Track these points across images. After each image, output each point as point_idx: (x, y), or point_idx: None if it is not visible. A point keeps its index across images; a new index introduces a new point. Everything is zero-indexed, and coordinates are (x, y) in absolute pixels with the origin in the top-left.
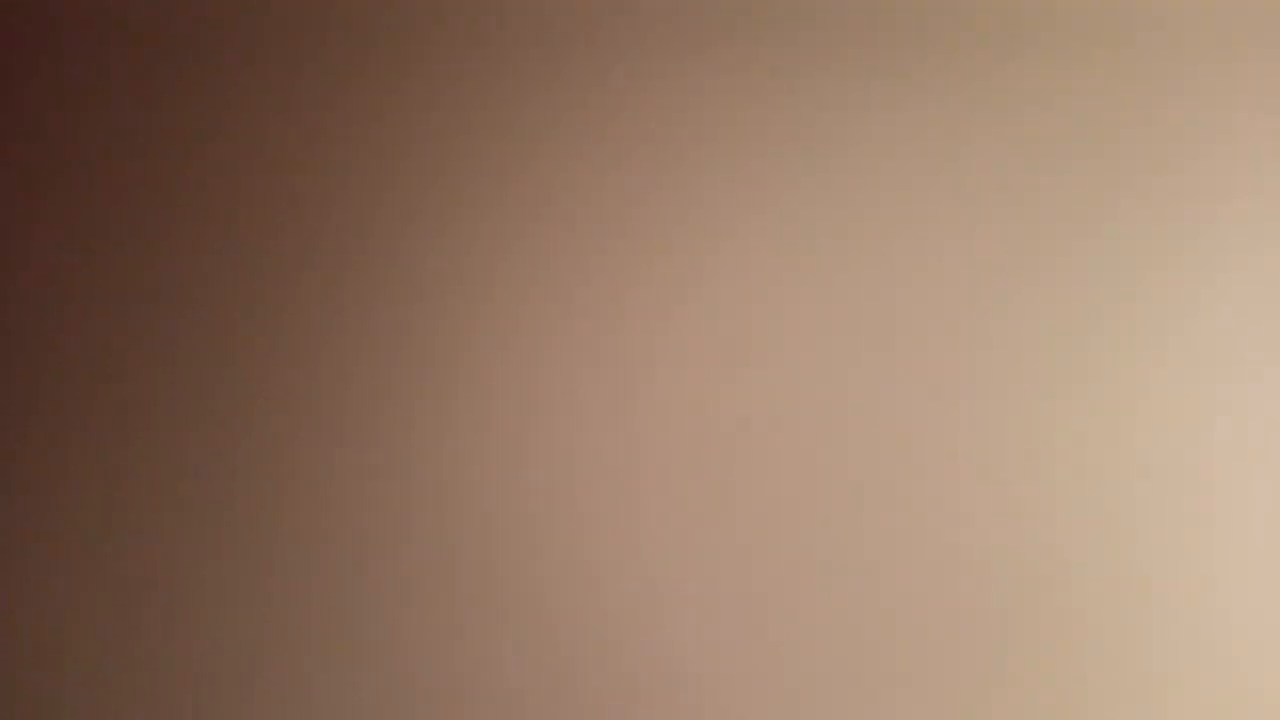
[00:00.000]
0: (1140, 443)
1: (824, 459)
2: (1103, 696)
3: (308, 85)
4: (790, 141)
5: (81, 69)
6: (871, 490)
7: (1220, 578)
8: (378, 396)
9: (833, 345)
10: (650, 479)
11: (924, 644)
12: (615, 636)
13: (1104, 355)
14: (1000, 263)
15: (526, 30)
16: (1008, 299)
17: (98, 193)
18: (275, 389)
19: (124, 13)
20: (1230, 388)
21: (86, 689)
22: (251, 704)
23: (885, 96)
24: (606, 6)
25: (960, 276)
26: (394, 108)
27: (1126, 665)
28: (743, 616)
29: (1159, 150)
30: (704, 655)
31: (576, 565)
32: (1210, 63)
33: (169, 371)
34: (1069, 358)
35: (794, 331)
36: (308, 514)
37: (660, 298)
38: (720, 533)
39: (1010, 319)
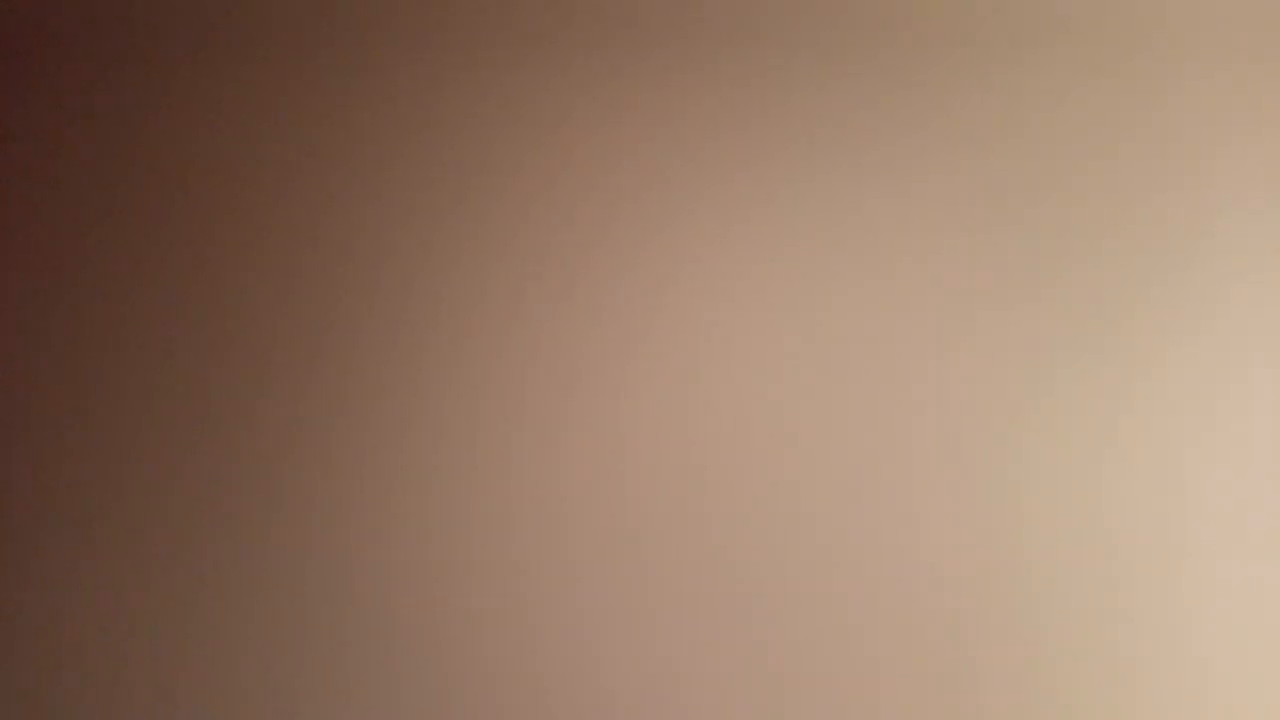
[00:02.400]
0: (1131, 455)
1: (812, 465)
2: (1090, 709)
3: (302, 86)
4: (786, 149)
5: (81, 70)
6: (857, 497)
7: (1206, 591)
8: (369, 397)
9: (823, 351)
10: (639, 482)
11: (909, 653)
12: (599, 639)
13: (1098, 366)
14: (994, 273)
15: (521, 34)
16: (1000, 309)
17: (98, 193)
18: (269, 390)
19: (123, 13)
20: (1222, 400)
21: (86, 690)
22: (252, 706)
23: (882, 105)
24: (602, 10)
25: (953, 287)
26: (389, 110)
27: (1110, 679)
28: (727, 620)
29: (1161, 165)
30: (687, 658)
31: (561, 565)
32: (1215, 76)
33: (166, 374)
34: (1063, 368)
35: (785, 338)
36: (303, 516)
37: (654, 301)
38: (705, 534)
39: (1002, 328)
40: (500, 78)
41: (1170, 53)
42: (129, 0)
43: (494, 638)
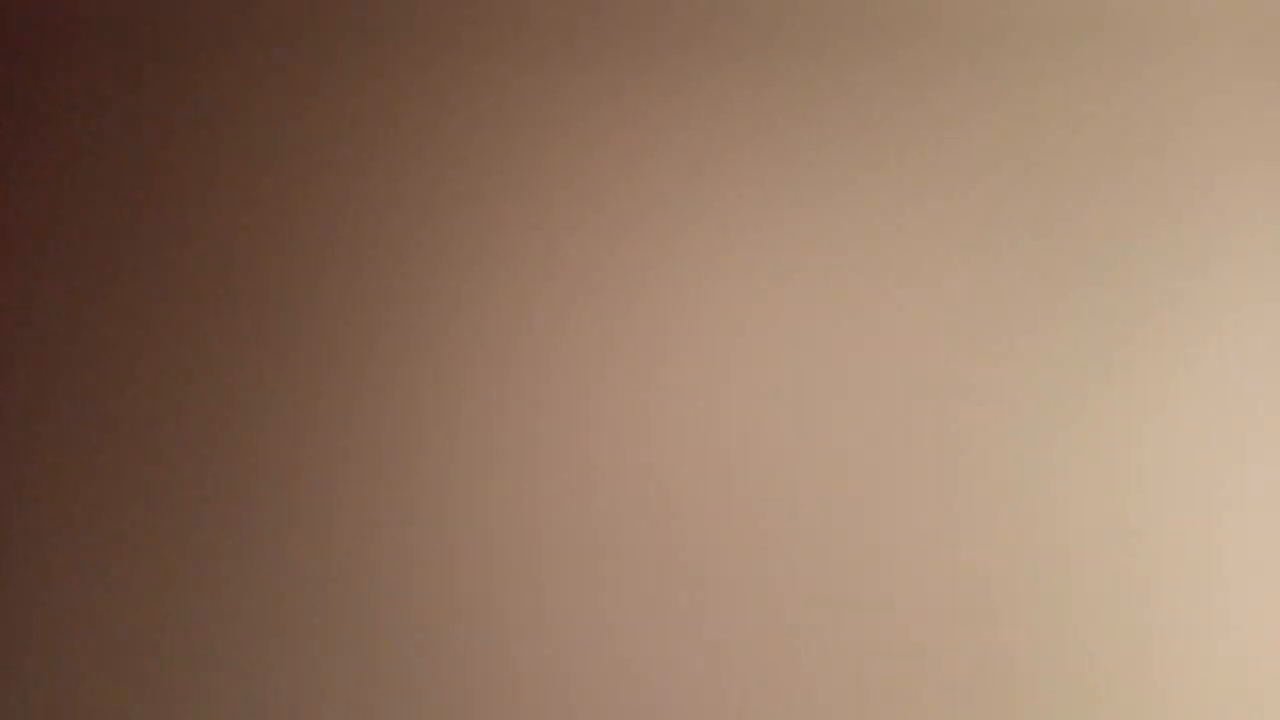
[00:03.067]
0: (1144, 458)
1: (830, 465)
2: (1106, 708)
3: (317, 87)
4: (801, 154)
5: (86, 68)
6: (873, 495)
7: (1222, 586)
8: (385, 399)
9: (838, 357)
10: (656, 483)
11: (924, 650)
12: (617, 639)
13: (1109, 367)
14: (1009, 280)
15: (537, 34)
16: (1018, 315)
17: (106, 196)
18: (281, 392)
19: (131, 11)
20: (1238, 405)
21: (92, 693)
22: (255, 708)
23: (896, 115)
24: (617, 16)
25: (967, 289)
26: (403, 112)
27: (1129, 677)
28: (749, 619)
29: (1175, 175)
30: (705, 656)
31: (580, 567)
32: (1229, 87)
33: (174, 376)
34: (1074, 368)
35: (798, 340)
36: (312, 519)
37: (668, 302)
38: (726, 533)
39: (1015, 330)
40: (516, 80)
41: (1184, 65)
42: (137, 3)
43: (515, 641)
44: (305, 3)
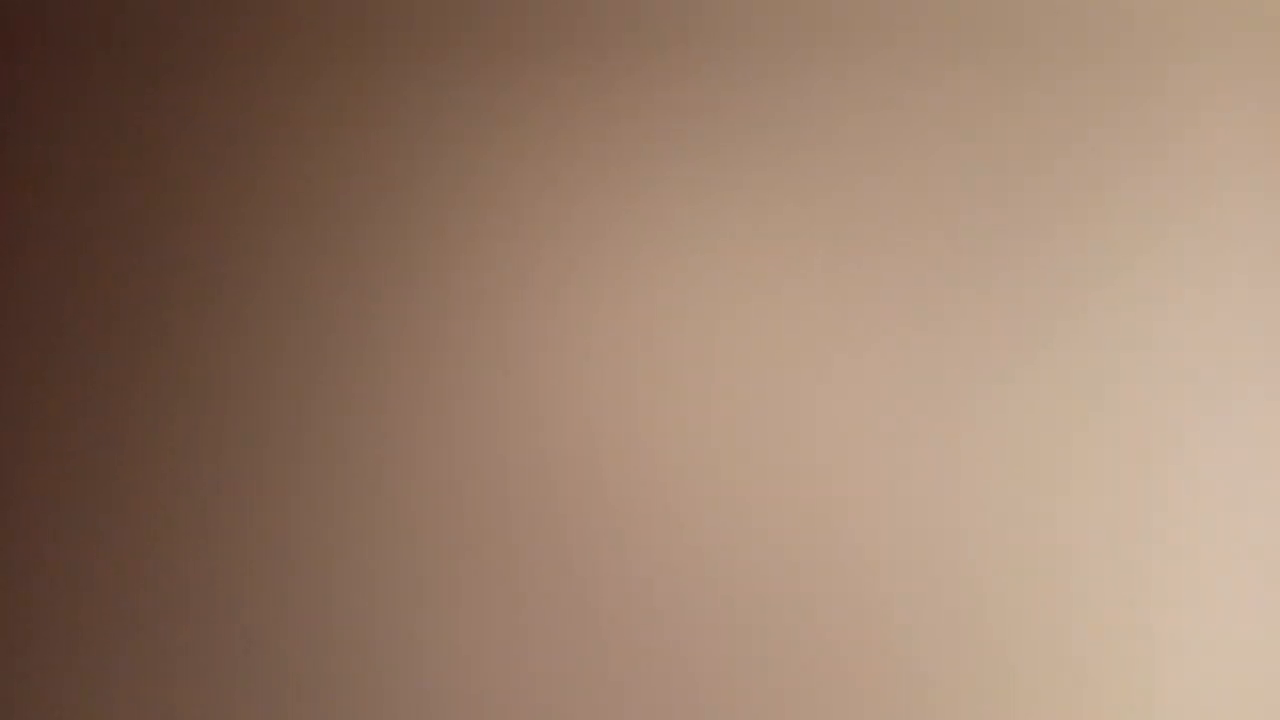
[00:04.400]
0: (1119, 437)
1: (809, 456)
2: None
3: (301, 91)
4: (776, 140)
5: (86, 68)
6: (849, 483)
7: (1167, 596)
8: (370, 397)
9: (818, 342)
10: (647, 483)
11: (915, 645)
12: (607, 639)
13: (1085, 349)
14: (980, 258)
15: (523, 33)
16: (989, 293)
17: (103, 195)
18: (269, 390)
19: (129, 11)
20: (1201, 379)
21: (87, 689)
22: (253, 699)
23: (869, 94)
24: (597, 17)
25: (941, 274)
26: (391, 116)
27: (1060, 685)
28: (736, 621)
29: (1138, 149)
30: (699, 670)
31: (552, 562)
32: (1188, 64)
33: (172, 367)
34: (1051, 351)
35: (778, 330)
36: (311, 519)
37: (656, 301)
38: (714, 531)
39: (995, 313)
40: (500, 82)
41: (1146, 43)
42: (134, 3)
43: (496, 638)
44: (302, 4)
